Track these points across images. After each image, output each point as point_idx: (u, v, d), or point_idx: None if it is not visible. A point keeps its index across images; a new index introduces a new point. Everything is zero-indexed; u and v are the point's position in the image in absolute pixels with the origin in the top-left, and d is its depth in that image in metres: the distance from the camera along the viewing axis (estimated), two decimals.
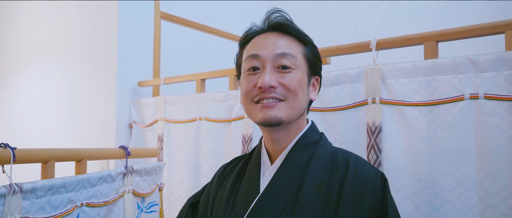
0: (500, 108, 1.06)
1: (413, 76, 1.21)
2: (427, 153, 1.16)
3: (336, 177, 0.88)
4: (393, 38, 1.29)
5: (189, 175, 1.89)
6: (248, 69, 0.93)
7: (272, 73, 0.89)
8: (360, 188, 0.85)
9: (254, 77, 0.92)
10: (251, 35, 0.98)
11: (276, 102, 0.89)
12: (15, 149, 1.00)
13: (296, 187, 0.88)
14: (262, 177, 0.96)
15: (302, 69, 0.93)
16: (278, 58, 0.90)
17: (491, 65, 1.08)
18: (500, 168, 1.05)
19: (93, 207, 1.20)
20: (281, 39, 0.93)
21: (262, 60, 0.91)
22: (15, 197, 0.94)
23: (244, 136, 1.65)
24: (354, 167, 0.88)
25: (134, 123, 2.21)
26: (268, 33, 0.95)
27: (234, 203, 0.96)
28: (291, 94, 0.89)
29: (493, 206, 1.05)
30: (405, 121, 1.21)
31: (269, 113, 0.88)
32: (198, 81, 1.95)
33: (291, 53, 0.91)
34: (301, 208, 0.85)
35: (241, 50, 1.00)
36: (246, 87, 0.93)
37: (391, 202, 0.85)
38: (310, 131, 0.97)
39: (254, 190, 0.93)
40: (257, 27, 0.98)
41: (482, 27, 1.14)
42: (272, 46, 0.91)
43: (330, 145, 0.99)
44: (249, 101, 0.93)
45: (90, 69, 2.42)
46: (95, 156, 1.30)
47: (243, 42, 0.99)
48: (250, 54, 0.93)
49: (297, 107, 0.91)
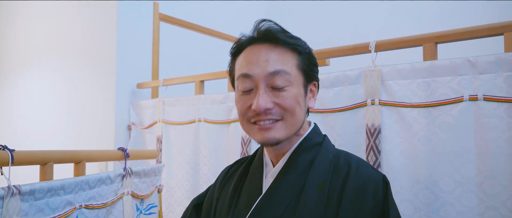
0: (499, 110, 1.06)
1: (412, 78, 1.21)
2: (427, 155, 1.16)
3: (338, 178, 0.88)
4: (392, 40, 1.29)
5: (188, 177, 1.89)
6: (242, 90, 0.91)
7: (266, 94, 0.87)
8: (361, 190, 0.85)
9: (248, 98, 0.90)
10: (241, 45, 0.94)
11: (273, 123, 0.88)
12: (13, 151, 0.99)
13: (298, 189, 0.88)
14: (265, 178, 0.96)
15: (297, 82, 0.90)
16: (271, 77, 0.87)
17: (490, 67, 1.08)
18: (500, 169, 1.05)
19: (92, 209, 1.20)
20: (273, 53, 0.88)
21: (254, 80, 0.88)
22: (13, 199, 0.93)
23: (243, 137, 1.65)
24: (356, 169, 0.88)
25: (133, 124, 2.21)
26: (259, 46, 0.90)
27: (237, 204, 0.96)
28: (288, 113, 0.88)
29: (493, 208, 1.05)
30: (404, 123, 1.21)
31: (267, 135, 0.88)
32: (197, 82, 1.94)
33: (284, 70, 0.87)
34: (302, 209, 0.85)
35: (232, 60, 0.97)
36: (241, 107, 0.91)
37: (392, 204, 0.85)
38: (313, 133, 0.97)
39: (257, 191, 0.94)
40: (246, 37, 0.93)
41: (481, 28, 1.14)
42: (263, 64, 0.87)
43: (333, 147, 0.99)
44: (245, 121, 0.92)
45: (89, 70, 2.42)
46: (93, 158, 1.30)
47: (234, 52, 0.96)
48: (242, 73, 0.90)
49: (295, 124, 0.90)
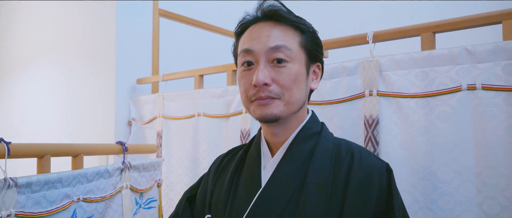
0: (498, 98, 1.05)
1: (410, 68, 1.20)
2: (425, 145, 1.15)
3: (341, 169, 0.87)
4: (390, 30, 1.28)
5: (188, 171, 1.89)
6: (243, 64, 0.92)
7: (266, 69, 0.87)
8: (366, 180, 0.84)
9: (249, 73, 0.90)
10: (245, 24, 0.95)
11: (270, 100, 0.87)
12: (10, 144, 0.99)
13: (300, 180, 0.87)
14: (263, 169, 0.94)
15: (299, 60, 0.90)
16: (271, 52, 0.87)
17: (488, 56, 1.07)
18: (499, 159, 1.04)
19: (90, 203, 1.20)
20: (275, 29, 0.89)
21: (255, 55, 0.89)
22: (10, 191, 0.93)
23: (242, 131, 1.65)
24: (359, 159, 0.87)
25: (133, 120, 2.21)
26: (262, 23, 0.92)
27: (235, 197, 0.94)
28: (285, 90, 0.87)
29: (491, 197, 1.04)
30: (402, 113, 1.20)
31: (265, 110, 0.87)
32: (196, 77, 1.94)
33: (285, 45, 0.87)
34: (305, 201, 0.83)
35: (237, 40, 0.98)
36: (243, 85, 0.92)
37: (396, 193, 0.85)
38: (311, 121, 0.96)
39: (256, 184, 0.92)
40: (251, 16, 0.95)
41: (479, 17, 1.13)
42: (265, 39, 0.88)
43: (332, 135, 0.98)
44: (247, 99, 0.92)
45: (89, 67, 2.42)
46: (91, 152, 1.30)
47: (238, 32, 0.97)
48: (243, 49, 0.91)
49: (294, 102, 0.89)
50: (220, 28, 2.74)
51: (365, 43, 1.32)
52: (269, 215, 0.85)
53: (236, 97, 1.71)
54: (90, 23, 2.45)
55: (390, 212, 0.82)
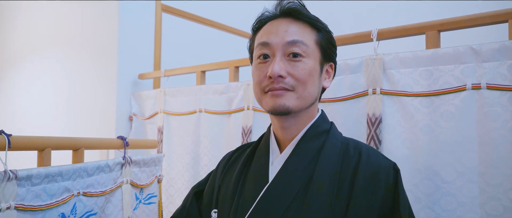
0: (502, 98, 1.04)
1: (414, 66, 1.19)
2: (428, 145, 1.14)
3: (348, 167, 0.87)
4: (394, 28, 1.27)
5: (188, 167, 1.88)
6: (259, 56, 0.92)
7: (282, 62, 0.88)
8: (373, 179, 0.84)
9: (264, 66, 0.91)
10: (263, 21, 0.96)
11: (284, 92, 0.88)
12: (10, 136, 0.99)
13: (307, 177, 0.87)
14: (271, 165, 0.94)
15: (314, 56, 0.91)
16: (288, 46, 0.89)
17: (494, 55, 1.06)
18: (503, 159, 1.03)
19: (90, 197, 1.19)
20: (293, 25, 0.91)
21: (272, 48, 0.90)
22: (10, 184, 0.93)
23: (244, 128, 1.64)
24: (367, 158, 0.87)
25: (135, 115, 2.20)
26: (279, 20, 0.93)
27: (242, 192, 0.94)
28: (300, 84, 0.88)
29: (495, 198, 1.03)
30: (405, 112, 1.19)
31: (278, 101, 0.88)
32: (198, 73, 1.93)
33: (302, 41, 0.89)
34: (312, 198, 0.83)
35: (253, 36, 0.99)
36: (257, 76, 0.92)
37: (402, 193, 0.84)
38: (321, 120, 0.96)
39: (263, 179, 0.92)
40: (269, 13, 0.96)
41: (485, 16, 1.12)
42: (282, 34, 0.90)
43: (340, 134, 0.98)
44: (260, 91, 0.92)
45: (90, 61, 2.41)
46: (92, 146, 1.29)
47: (256, 28, 0.98)
48: (260, 42, 0.92)
49: (307, 97, 0.90)
50: (223, 25, 2.74)
51: (369, 41, 1.31)
52: (274, 211, 0.85)
53: (238, 94, 1.70)
54: (92, 17, 2.44)
55: (396, 211, 0.82)
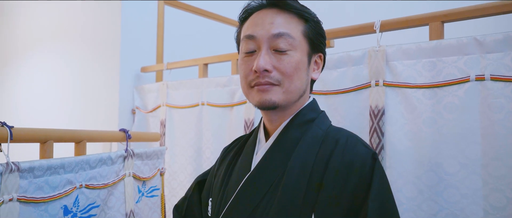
0: (506, 90, 1.03)
1: (417, 58, 1.18)
2: (431, 137, 1.14)
3: (323, 156, 0.85)
4: (397, 19, 1.26)
5: (191, 160, 1.88)
6: (244, 50, 0.91)
7: (267, 55, 0.87)
8: (345, 168, 0.81)
9: (250, 60, 0.90)
10: (250, 11, 0.94)
11: (270, 87, 0.87)
12: (12, 128, 0.99)
13: (284, 167, 0.86)
14: (255, 155, 0.95)
15: (301, 49, 0.89)
16: (274, 39, 0.87)
17: (498, 46, 1.05)
18: (506, 151, 1.02)
19: (93, 189, 1.20)
20: (279, 17, 0.89)
21: (257, 42, 0.88)
22: (12, 176, 0.93)
23: (246, 121, 1.64)
24: (343, 147, 0.84)
25: (137, 108, 2.20)
26: (266, 10, 0.91)
27: (228, 181, 0.96)
28: (286, 78, 0.87)
29: (498, 190, 1.03)
30: (408, 104, 1.19)
31: (264, 96, 0.87)
32: (201, 66, 1.93)
33: (288, 33, 0.87)
34: (284, 188, 0.83)
35: (240, 27, 0.98)
36: (243, 70, 0.91)
37: (377, 182, 0.79)
38: (307, 109, 0.94)
39: (246, 168, 0.93)
40: (256, 3, 0.94)
41: (489, 6, 1.10)
42: (268, 26, 0.87)
43: (327, 123, 0.95)
44: (246, 85, 0.91)
45: (93, 55, 2.41)
46: (94, 138, 1.29)
47: (243, 18, 0.96)
48: (246, 35, 0.91)
49: (294, 91, 0.89)
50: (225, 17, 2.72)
51: (372, 33, 1.30)
52: (253, 198, 0.86)
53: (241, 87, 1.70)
54: (94, 10, 2.44)
55: (365, 200, 0.78)
